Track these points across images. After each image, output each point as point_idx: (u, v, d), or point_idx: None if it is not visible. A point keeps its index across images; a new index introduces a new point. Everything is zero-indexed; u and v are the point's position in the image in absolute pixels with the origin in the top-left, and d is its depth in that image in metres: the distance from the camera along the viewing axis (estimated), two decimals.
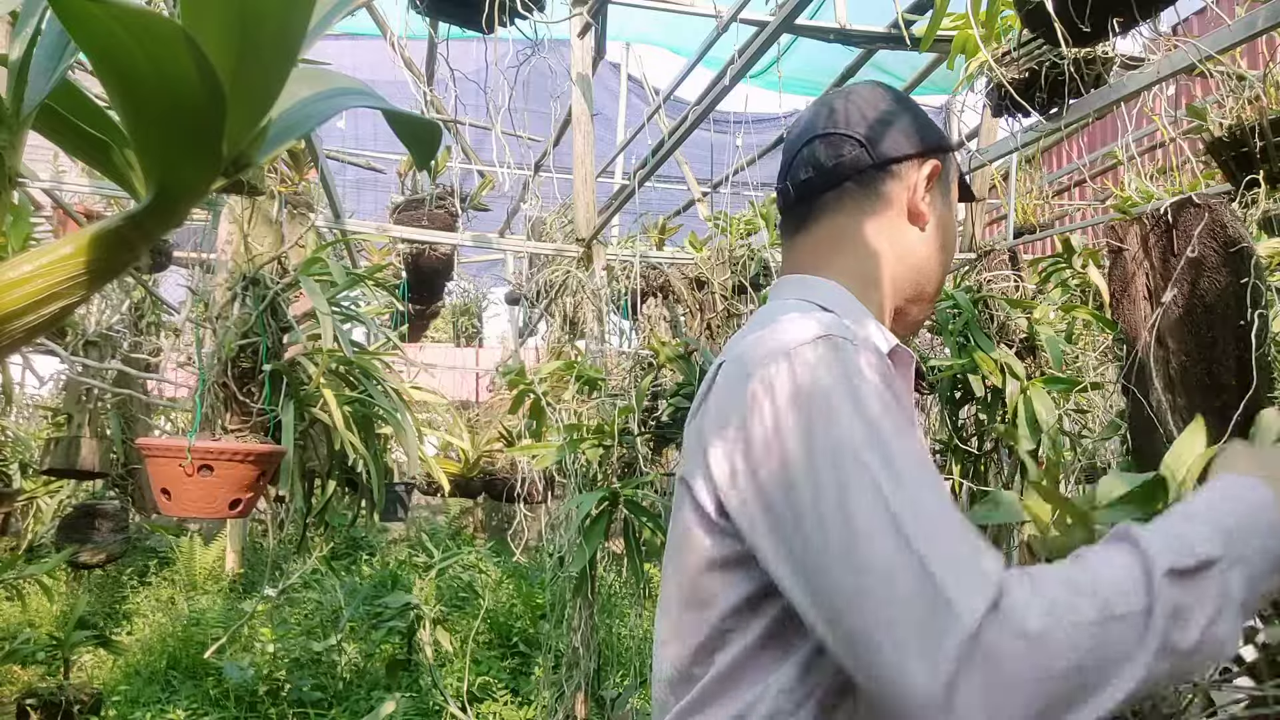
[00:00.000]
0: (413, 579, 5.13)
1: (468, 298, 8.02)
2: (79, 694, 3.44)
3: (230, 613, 5.44)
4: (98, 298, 3.34)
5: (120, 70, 0.34)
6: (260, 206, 2.36)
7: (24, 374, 4.00)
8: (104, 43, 0.32)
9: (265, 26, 0.35)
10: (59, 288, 0.38)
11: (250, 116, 0.38)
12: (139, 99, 0.35)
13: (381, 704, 3.38)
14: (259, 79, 0.37)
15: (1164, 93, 3.05)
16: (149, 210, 0.39)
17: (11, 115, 0.39)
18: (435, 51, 3.93)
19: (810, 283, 0.97)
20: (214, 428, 2.16)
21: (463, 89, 3.23)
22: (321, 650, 4.37)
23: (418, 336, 5.63)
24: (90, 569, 3.57)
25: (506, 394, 3.78)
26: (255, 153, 0.39)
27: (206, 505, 1.97)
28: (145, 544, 6.96)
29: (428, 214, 4.18)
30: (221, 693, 4.06)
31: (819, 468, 0.69)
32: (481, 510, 8.65)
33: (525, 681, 4.21)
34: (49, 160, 3.86)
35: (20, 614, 5.27)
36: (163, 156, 0.38)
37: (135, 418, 3.36)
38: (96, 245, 0.38)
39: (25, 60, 0.40)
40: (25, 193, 2.91)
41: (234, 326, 2.15)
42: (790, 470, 0.70)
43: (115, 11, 0.30)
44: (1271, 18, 1.66)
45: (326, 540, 4.68)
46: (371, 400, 2.40)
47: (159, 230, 0.40)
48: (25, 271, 0.37)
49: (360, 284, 2.62)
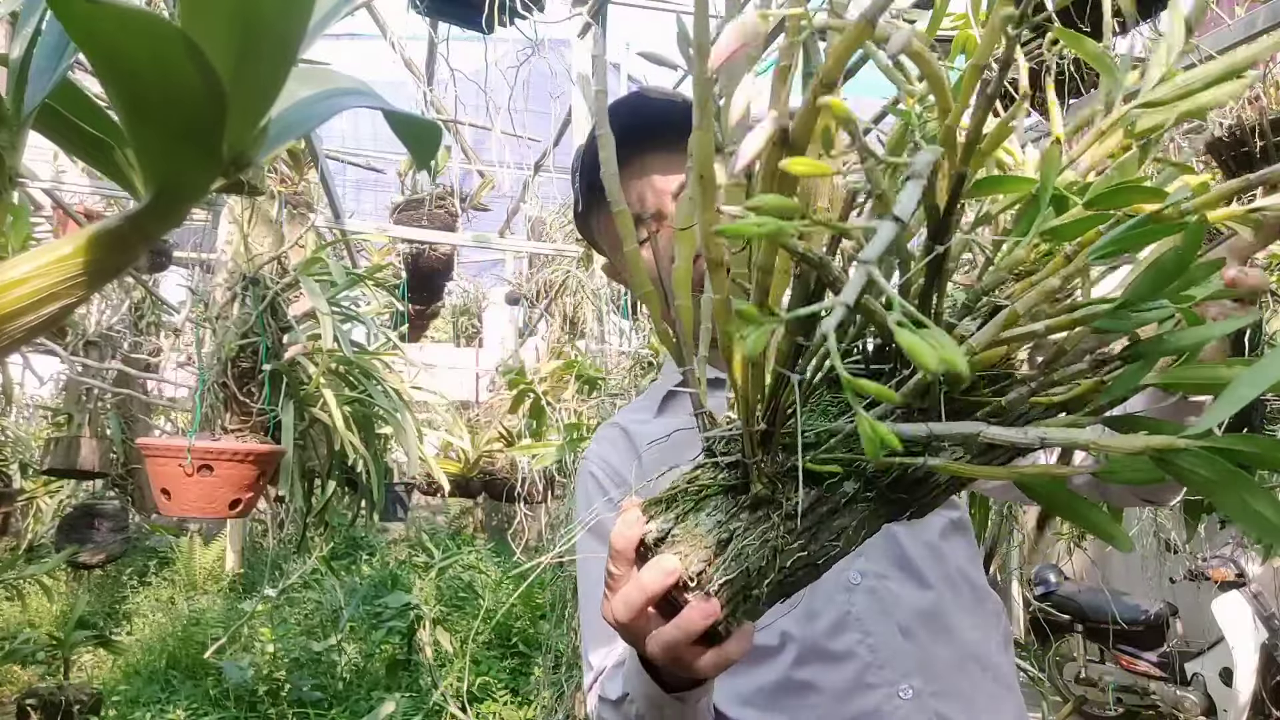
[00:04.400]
0: (413, 579, 5.13)
1: (468, 298, 8.02)
2: (79, 694, 3.44)
3: (230, 613, 5.44)
4: (98, 298, 3.34)
5: (120, 70, 0.34)
6: (260, 206, 2.36)
7: (24, 374, 4.00)
8: (104, 43, 0.32)
9: (265, 26, 0.35)
10: (59, 288, 0.38)
11: (250, 116, 0.38)
12: (139, 98, 0.35)
13: (381, 704, 3.38)
14: (259, 78, 0.37)
15: None
16: (149, 210, 0.39)
17: (12, 115, 0.39)
18: (435, 51, 3.92)
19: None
20: (214, 428, 2.16)
21: (463, 89, 3.23)
22: (321, 650, 4.36)
23: (418, 336, 5.64)
24: (90, 569, 3.57)
25: (506, 394, 3.78)
26: (255, 152, 0.39)
27: (206, 505, 1.97)
28: (145, 544, 6.96)
29: (428, 214, 4.18)
30: (221, 692, 4.05)
31: None
32: (481, 510, 8.65)
33: (525, 681, 4.21)
34: (49, 160, 3.85)
35: (20, 614, 5.27)
36: (163, 156, 0.38)
37: (135, 418, 3.36)
38: (96, 245, 0.38)
39: (25, 60, 0.40)
40: (25, 193, 2.91)
41: (234, 326, 2.15)
42: None
43: (115, 11, 0.30)
44: (1271, 18, 1.66)
45: (326, 540, 4.68)
46: (371, 400, 2.40)
47: (159, 230, 0.40)
48: (25, 271, 0.37)
49: (360, 284, 2.62)
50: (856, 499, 0.54)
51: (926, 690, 0.84)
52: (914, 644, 0.86)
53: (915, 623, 0.87)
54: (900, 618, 0.86)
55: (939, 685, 0.84)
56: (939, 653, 0.86)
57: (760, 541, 0.54)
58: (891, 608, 0.87)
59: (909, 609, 0.87)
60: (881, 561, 0.89)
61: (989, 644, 0.90)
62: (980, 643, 0.88)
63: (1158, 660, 4.78)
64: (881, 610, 0.87)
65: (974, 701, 0.86)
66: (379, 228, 3.98)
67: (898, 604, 0.87)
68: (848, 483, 0.54)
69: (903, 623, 0.86)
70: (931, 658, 0.85)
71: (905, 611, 0.87)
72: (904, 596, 0.88)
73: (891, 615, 0.86)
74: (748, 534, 0.55)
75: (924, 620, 0.87)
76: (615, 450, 1.00)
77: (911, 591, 0.88)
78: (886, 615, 0.86)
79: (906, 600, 0.87)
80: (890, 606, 0.87)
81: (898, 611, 0.87)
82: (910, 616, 0.87)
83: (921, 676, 0.84)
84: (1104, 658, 5.01)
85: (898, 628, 0.86)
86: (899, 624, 0.86)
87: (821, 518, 0.55)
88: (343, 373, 2.44)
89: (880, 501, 0.54)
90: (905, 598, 0.87)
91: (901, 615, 0.87)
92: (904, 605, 0.87)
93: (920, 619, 0.87)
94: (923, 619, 0.87)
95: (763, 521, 0.55)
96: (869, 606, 0.87)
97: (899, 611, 0.87)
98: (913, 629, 0.86)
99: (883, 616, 0.86)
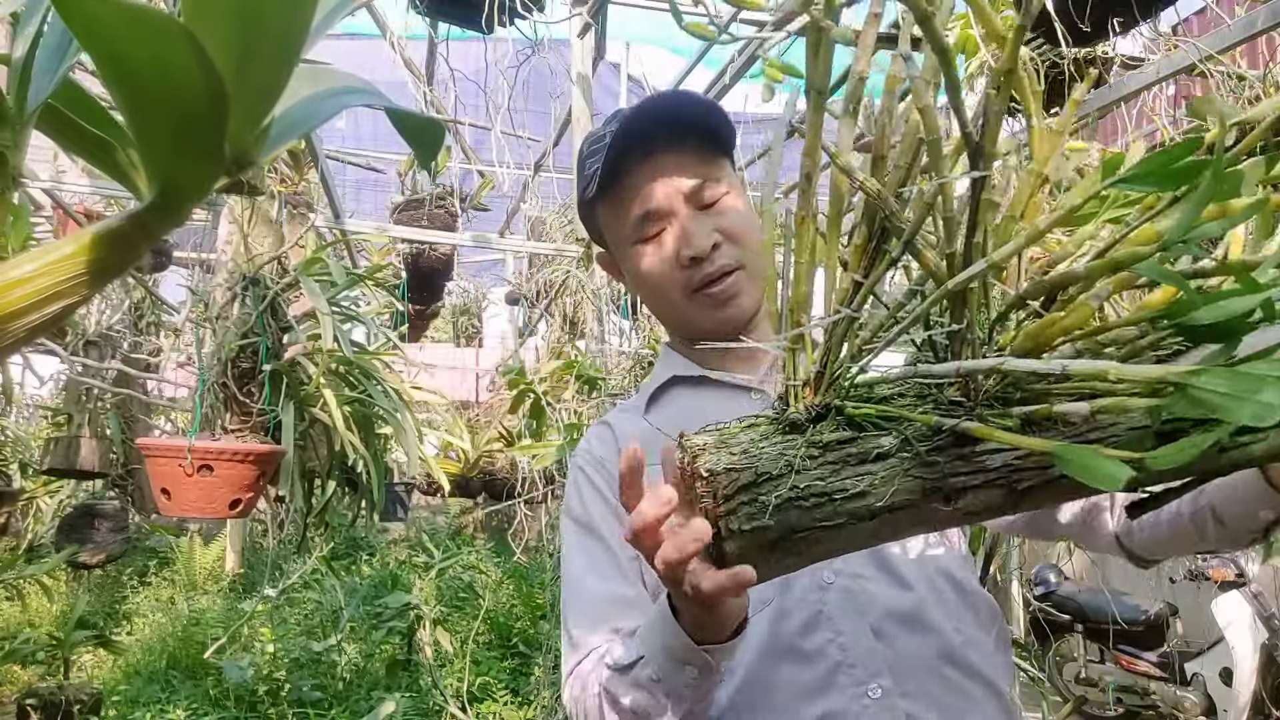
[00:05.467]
0: (413, 579, 5.13)
1: (468, 298, 8.02)
2: (79, 694, 3.44)
3: (230, 613, 5.44)
4: (98, 298, 3.34)
5: (123, 70, 0.34)
6: (260, 206, 2.36)
7: (24, 374, 4.00)
8: (107, 42, 0.32)
9: (267, 26, 0.35)
10: (61, 287, 0.38)
11: (252, 116, 0.38)
12: (142, 98, 0.35)
13: (381, 704, 3.38)
14: (261, 78, 0.37)
15: (1164, 93, 3.06)
16: (151, 210, 0.39)
17: (15, 115, 0.39)
18: (435, 51, 3.92)
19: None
20: (214, 428, 2.16)
21: (463, 89, 3.23)
22: (321, 650, 4.36)
23: (418, 336, 5.64)
24: (90, 569, 3.56)
25: (506, 394, 3.78)
26: (257, 152, 0.39)
27: (206, 505, 1.97)
28: (145, 544, 6.96)
29: (428, 214, 4.18)
30: (221, 693, 4.05)
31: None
32: (481, 510, 8.65)
33: (525, 681, 4.21)
34: (49, 160, 3.85)
35: (20, 614, 5.27)
36: (165, 156, 0.38)
37: (135, 418, 3.36)
38: (98, 245, 0.38)
39: (28, 60, 0.40)
40: (25, 193, 2.91)
41: (234, 326, 2.15)
42: None
43: (118, 11, 0.30)
44: (1271, 18, 1.66)
45: (326, 540, 4.68)
46: (371, 400, 2.40)
47: (161, 230, 0.40)
48: (27, 271, 0.37)
49: (360, 284, 2.62)
50: (889, 454, 0.54)
51: (896, 690, 0.84)
52: (886, 644, 0.86)
53: (890, 623, 0.87)
54: (874, 618, 0.87)
55: (909, 686, 0.84)
56: (913, 654, 0.86)
57: (778, 452, 0.56)
58: (865, 607, 0.87)
59: (884, 609, 0.87)
60: (859, 562, 0.89)
61: (975, 646, 0.89)
62: (962, 645, 0.88)
63: (1158, 660, 4.78)
64: (855, 610, 0.87)
65: (944, 702, 0.85)
66: (379, 228, 3.98)
67: (872, 604, 0.87)
68: (886, 438, 0.55)
69: (876, 623, 0.86)
70: (904, 658, 0.85)
71: (879, 611, 0.87)
72: (880, 596, 0.88)
73: (865, 615, 0.87)
74: (771, 445, 0.56)
75: (900, 621, 0.87)
76: (603, 446, 1.02)
77: (889, 592, 0.88)
78: (860, 615, 0.87)
79: (882, 600, 0.88)
80: (864, 606, 0.87)
81: (871, 611, 0.87)
82: (884, 617, 0.87)
83: (891, 677, 0.84)
84: (1104, 658, 5.01)
85: (870, 628, 0.86)
86: (871, 624, 0.86)
87: (848, 458, 0.55)
88: (343, 373, 2.44)
89: (915, 463, 0.54)
90: (881, 598, 0.88)
91: (875, 615, 0.87)
92: (879, 605, 0.87)
93: (896, 619, 0.87)
94: (899, 619, 0.87)
95: (788, 442, 0.56)
96: (842, 606, 0.87)
97: (873, 611, 0.87)
98: (886, 629, 0.86)
99: (855, 616, 0.87)
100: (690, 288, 0.97)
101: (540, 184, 4.39)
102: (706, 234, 0.95)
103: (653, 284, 0.99)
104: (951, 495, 0.54)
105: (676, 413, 1.01)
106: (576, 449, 1.07)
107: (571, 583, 0.96)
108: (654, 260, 0.98)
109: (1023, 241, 0.50)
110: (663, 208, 0.96)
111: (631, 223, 0.98)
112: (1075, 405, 0.46)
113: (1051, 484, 0.52)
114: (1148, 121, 3.28)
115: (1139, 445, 0.46)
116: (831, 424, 0.56)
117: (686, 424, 0.97)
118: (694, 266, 0.95)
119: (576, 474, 1.02)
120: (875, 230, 0.57)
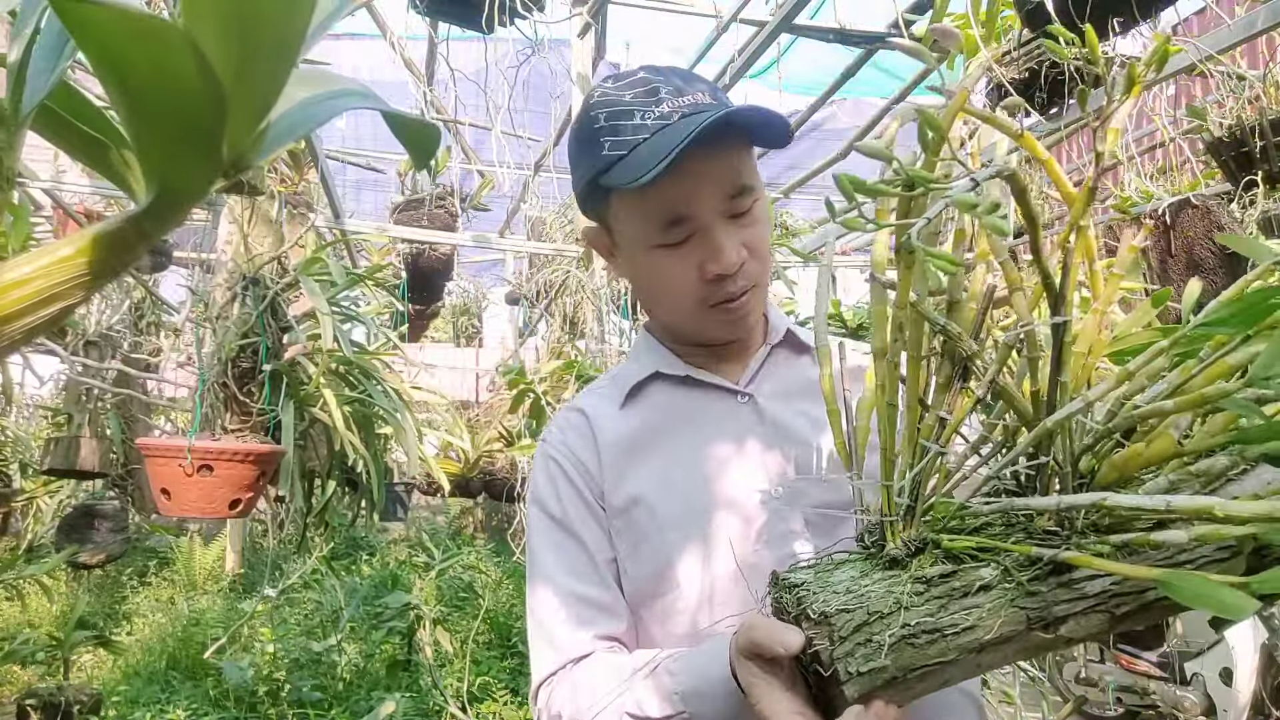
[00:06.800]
0: (413, 579, 5.13)
1: (468, 298, 8.02)
2: (79, 694, 3.44)
3: (230, 613, 5.44)
4: (98, 298, 3.35)
5: (120, 71, 0.33)
6: (260, 206, 2.36)
7: (24, 374, 4.00)
8: (104, 43, 0.32)
9: (266, 27, 0.35)
10: (59, 288, 0.38)
11: (250, 117, 0.38)
12: (139, 100, 0.35)
13: (381, 704, 3.38)
14: (259, 80, 0.37)
15: (1164, 93, 3.06)
16: (149, 211, 0.39)
17: (10, 115, 0.39)
18: (435, 51, 3.92)
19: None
20: (214, 428, 2.16)
21: (463, 89, 3.23)
22: (321, 650, 4.36)
23: (418, 336, 5.63)
24: (90, 569, 3.56)
25: (506, 394, 3.78)
26: (255, 154, 0.39)
27: (206, 505, 1.97)
28: (145, 544, 6.96)
29: (428, 214, 4.18)
30: (221, 693, 4.05)
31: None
32: (481, 510, 8.65)
33: (525, 681, 4.21)
34: (49, 160, 3.85)
35: (20, 614, 5.27)
36: (162, 158, 0.38)
37: (135, 418, 3.36)
38: (97, 246, 0.38)
39: (24, 60, 0.40)
40: (25, 193, 2.91)
41: (234, 326, 2.15)
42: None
43: (116, 13, 0.30)
44: (1271, 18, 1.66)
45: (326, 540, 4.68)
46: (371, 400, 2.40)
47: (159, 231, 0.40)
48: (25, 272, 0.37)
49: (360, 284, 2.62)
50: (992, 585, 0.55)
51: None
52: None
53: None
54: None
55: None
56: None
57: (884, 589, 0.56)
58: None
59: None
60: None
61: None
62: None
63: (1158, 660, 4.78)
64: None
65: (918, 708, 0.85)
66: (379, 228, 3.98)
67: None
68: (986, 569, 0.55)
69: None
70: None
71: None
72: None
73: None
74: (875, 582, 0.57)
75: None
76: (581, 440, 0.99)
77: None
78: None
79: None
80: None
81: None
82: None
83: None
84: (1104, 658, 5.01)
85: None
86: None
87: (952, 592, 0.55)
88: (343, 373, 2.44)
89: (1019, 594, 0.55)
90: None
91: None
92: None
93: None
94: None
95: (893, 578, 0.57)
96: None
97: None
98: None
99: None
100: (709, 302, 0.92)
101: (540, 184, 4.39)
102: (736, 249, 0.89)
103: (664, 288, 0.94)
104: (1053, 623, 0.55)
105: (658, 414, 0.98)
106: (547, 433, 1.03)
107: (543, 578, 0.94)
108: (676, 269, 0.91)
109: (1113, 383, 0.52)
110: (697, 215, 0.89)
111: (658, 225, 0.90)
112: (1174, 533, 0.47)
113: (1148, 606, 0.54)
114: (1148, 121, 3.28)
115: (1232, 569, 0.47)
116: (930, 557, 0.57)
117: (669, 426, 0.98)
118: (717, 282, 0.90)
119: (549, 464, 0.99)
120: (957, 370, 0.59)
